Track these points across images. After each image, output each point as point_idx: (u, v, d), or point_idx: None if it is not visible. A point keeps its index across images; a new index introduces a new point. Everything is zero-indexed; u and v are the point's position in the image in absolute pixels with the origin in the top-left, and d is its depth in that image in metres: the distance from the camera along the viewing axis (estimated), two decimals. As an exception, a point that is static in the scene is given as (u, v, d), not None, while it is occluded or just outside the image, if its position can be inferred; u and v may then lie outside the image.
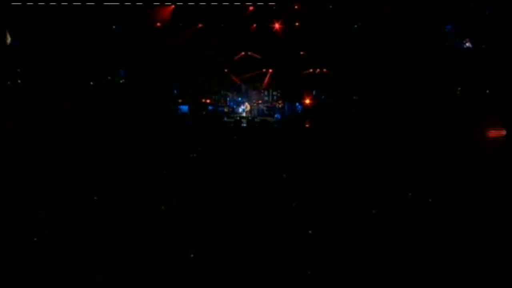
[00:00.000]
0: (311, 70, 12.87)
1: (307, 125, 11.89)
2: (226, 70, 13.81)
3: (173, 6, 11.84)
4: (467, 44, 10.37)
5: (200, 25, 12.60)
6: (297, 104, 13.48)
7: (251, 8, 12.28)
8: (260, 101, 14.20)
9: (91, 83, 11.41)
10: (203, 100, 13.92)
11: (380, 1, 10.48)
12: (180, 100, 13.27)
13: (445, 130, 8.99)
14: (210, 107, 13.77)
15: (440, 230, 5.74)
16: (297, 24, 12.43)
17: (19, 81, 9.64)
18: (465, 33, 10.40)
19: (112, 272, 4.81)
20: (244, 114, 13.75)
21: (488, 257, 5.06)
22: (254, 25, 12.66)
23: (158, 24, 12.11)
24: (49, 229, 5.64)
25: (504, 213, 5.99)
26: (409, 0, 10.05)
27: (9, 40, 9.48)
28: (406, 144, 8.92)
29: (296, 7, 12.09)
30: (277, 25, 12.56)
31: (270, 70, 13.62)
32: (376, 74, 11.16)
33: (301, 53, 12.86)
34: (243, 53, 13.40)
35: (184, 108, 13.12)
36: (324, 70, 12.58)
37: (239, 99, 14.19)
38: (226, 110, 13.90)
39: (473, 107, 9.20)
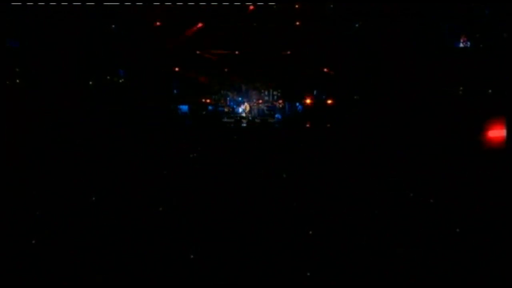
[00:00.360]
0: (312, 69, 12.84)
1: (308, 125, 11.86)
2: (226, 70, 13.81)
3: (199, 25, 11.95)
4: (466, 44, 10.36)
5: (200, 25, 12.59)
6: (297, 104, 13.44)
7: (251, 7, 12.25)
8: (260, 101, 14.15)
9: (90, 82, 11.38)
10: (203, 100, 13.89)
11: (381, 1, 10.47)
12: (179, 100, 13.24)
13: (445, 130, 8.98)
14: (210, 107, 13.75)
15: (440, 230, 5.74)
16: (297, 23, 12.40)
17: (17, 80, 9.61)
18: (465, 33, 10.39)
19: (112, 272, 4.81)
20: (243, 115, 13.72)
21: (488, 257, 5.06)
22: (254, 24, 12.64)
23: (158, 23, 12.09)
24: (49, 229, 5.64)
25: (504, 213, 5.98)
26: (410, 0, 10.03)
27: None
28: (407, 144, 8.91)
29: (296, 6, 12.07)
30: (277, 25, 12.52)
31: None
32: (377, 74, 11.15)
33: (302, 52, 12.83)
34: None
35: (184, 108, 13.11)
36: (325, 69, 12.56)
37: (239, 99, 14.16)
38: (226, 110, 13.87)
39: (473, 107, 9.19)
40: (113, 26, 11.49)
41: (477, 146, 8.41)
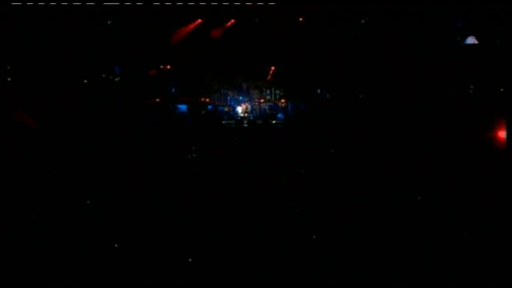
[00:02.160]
0: (314, 68, 12.72)
1: (311, 125, 11.73)
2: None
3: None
4: (463, 43, 10.38)
5: (199, 23, 12.54)
6: (300, 103, 13.33)
7: (252, 4, 12.18)
8: (262, 100, 14.04)
9: (85, 81, 11.29)
10: (202, 99, 13.81)
11: (381, 1, 10.45)
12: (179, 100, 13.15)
13: (446, 130, 8.98)
14: (209, 107, 13.65)
15: (441, 230, 5.74)
16: (300, 19, 12.30)
17: (9, 79, 9.53)
18: (466, 32, 10.40)
19: (112, 272, 4.81)
20: (243, 115, 13.61)
21: (489, 257, 5.06)
22: (256, 20, 12.55)
23: (156, 21, 12.04)
24: (49, 230, 5.64)
25: (505, 213, 5.98)
26: None
27: None
28: (409, 144, 8.90)
29: (297, 4, 12.00)
30: (279, 22, 12.45)
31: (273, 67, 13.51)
32: (378, 73, 11.13)
33: (304, 50, 12.76)
34: None
35: (183, 107, 13.01)
36: (328, 68, 12.44)
37: (240, 98, 14.07)
38: (226, 109, 13.76)
39: (474, 107, 9.19)
40: (109, 22, 11.42)
41: (478, 146, 8.41)
